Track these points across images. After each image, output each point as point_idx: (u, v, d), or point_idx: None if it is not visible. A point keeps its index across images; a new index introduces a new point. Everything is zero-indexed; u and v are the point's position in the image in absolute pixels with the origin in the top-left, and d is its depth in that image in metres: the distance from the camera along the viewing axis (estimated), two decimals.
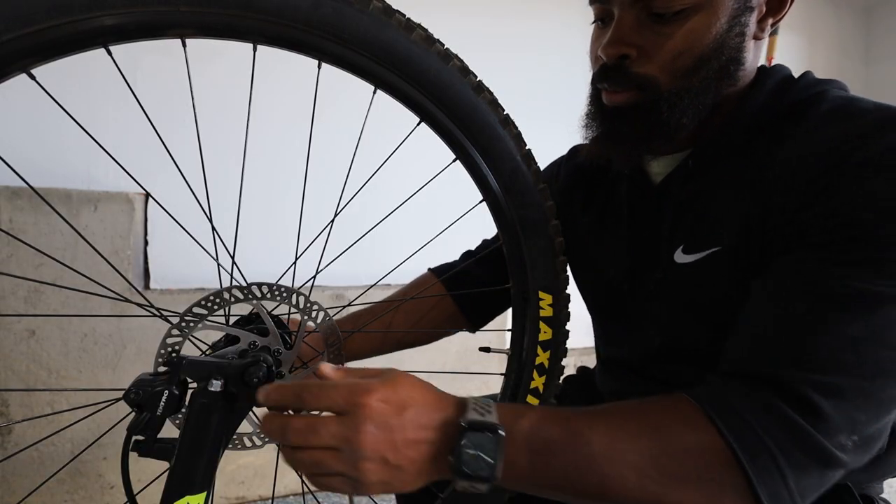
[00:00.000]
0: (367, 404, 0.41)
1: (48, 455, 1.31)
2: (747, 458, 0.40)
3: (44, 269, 1.27)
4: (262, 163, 1.56)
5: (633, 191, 0.65)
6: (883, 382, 0.42)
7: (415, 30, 0.56)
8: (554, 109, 1.47)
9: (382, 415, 0.41)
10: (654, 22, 0.52)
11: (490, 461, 0.40)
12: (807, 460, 0.41)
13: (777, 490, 0.40)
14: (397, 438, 0.41)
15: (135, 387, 0.48)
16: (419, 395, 0.44)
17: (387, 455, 0.41)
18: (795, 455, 0.41)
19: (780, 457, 0.40)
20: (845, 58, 2.75)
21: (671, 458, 0.42)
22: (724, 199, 0.54)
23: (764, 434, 0.41)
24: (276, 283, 0.60)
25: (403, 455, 0.41)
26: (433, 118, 0.59)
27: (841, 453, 0.41)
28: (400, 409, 0.42)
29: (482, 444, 0.41)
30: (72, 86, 1.34)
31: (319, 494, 1.59)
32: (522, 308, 0.66)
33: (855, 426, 0.42)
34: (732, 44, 0.53)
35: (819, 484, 0.42)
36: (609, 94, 0.57)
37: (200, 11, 0.49)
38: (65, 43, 0.46)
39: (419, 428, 0.42)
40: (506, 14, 1.94)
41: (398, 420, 0.41)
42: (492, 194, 0.63)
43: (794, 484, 0.41)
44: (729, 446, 0.41)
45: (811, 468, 0.41)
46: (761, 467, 0.40)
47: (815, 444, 0.41)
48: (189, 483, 0.47)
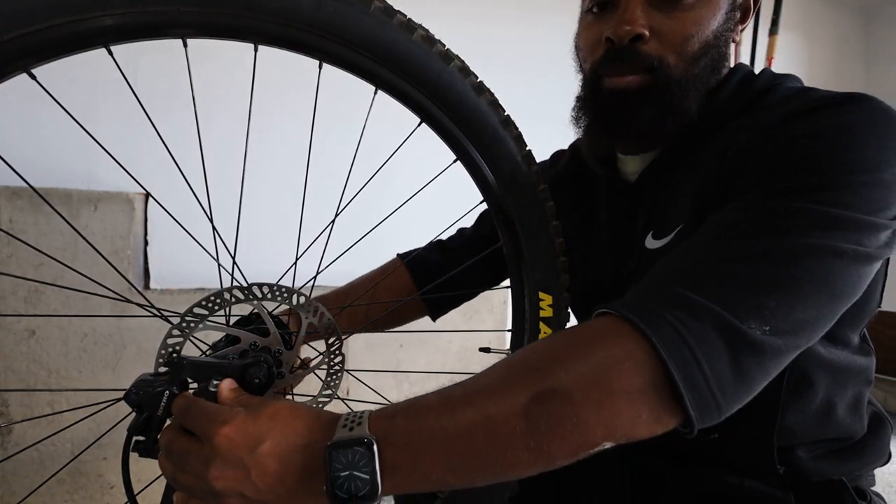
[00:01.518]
0: (218, 438, 0.39)
1: (48, 455, 1.31)
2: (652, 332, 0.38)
3: (44, 269, 1.27)
4: (263, 163, 1.56)
5: (610, 192, 0.67)
6: (798, 272, 0.41)
7: (416, 30, 0.56)
8: (554, 109, 1.47)
9: (232, 450, 0.38)
10: (664, 5, 0.54)
11: (365, 477, 0.37)
12: (709, 334, 0.39)
13: (691, 373, 0.38)
14: (252, 474, 0.38)
15: (135, 387, 0.48)
16: (281, 424, 0.40)
17: (244, 491, 0.38)
18: (698, 328, 0.39)
19: (684, 332, 0.38)
20: (844, 58, 2.75)
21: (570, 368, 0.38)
22: (688, 183, 0.57)
23: (668, 314, 0.39)
24: (276, 284, 0.60)
25: (264, 490, 0.38)
26: (434, 119, 0.59)
27: (747, 332, 0.39)
28: (254, 442, 0.38)
29: (353, 462, 0.37)
30: (72, 86, 1.34)
31: None
32: (521, 308, 0.66)
33: (762, 313, 0.40)
34: (726, 37, 0.57)
35: (735, 374, 0.39)
36: (615, 79, 0.57)
37: (201, 11, 0.49)
38: (65, 43, 0.46)
39: (278, 461, 0.38)
40: (506, 12, 1.94)
41: (250, 456, 0.38)
42: (492, 195, 0.63)
43: (707, 367, 0.38)
44: (634, 327, 0.39)
45: (716, 344, 0.39)
46: (669, 341, 0.38)
47: (714, 314, 0.39)
48: None
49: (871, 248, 0.43)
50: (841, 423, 0.57)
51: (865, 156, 0.44)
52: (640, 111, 0.56)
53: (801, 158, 0.46)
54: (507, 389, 0.39)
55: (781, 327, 0.40)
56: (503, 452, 0.38)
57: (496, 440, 0.38)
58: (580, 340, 0.41)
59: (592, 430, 0.37)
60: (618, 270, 0.64)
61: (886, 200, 0.44)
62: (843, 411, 0.57)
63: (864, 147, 0.45)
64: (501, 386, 0.40)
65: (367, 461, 0.37)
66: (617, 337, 0.40)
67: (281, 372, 0.58)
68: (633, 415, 0.38)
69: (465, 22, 1.85)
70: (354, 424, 0.39)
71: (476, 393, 0.40)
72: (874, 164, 0.44)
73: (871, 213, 0.43)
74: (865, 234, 0.43)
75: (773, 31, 1.97)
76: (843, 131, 0.46)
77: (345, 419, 0.40)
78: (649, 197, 0.61)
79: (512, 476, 0.39)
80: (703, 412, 0.38)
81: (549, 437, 0.37)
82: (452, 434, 0.38)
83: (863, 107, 0.47)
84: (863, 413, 0.59)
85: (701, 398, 0.38)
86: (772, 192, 0.45)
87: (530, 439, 0.37)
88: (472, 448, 0.38)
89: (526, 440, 0.37)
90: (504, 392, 0.39)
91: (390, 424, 0.39)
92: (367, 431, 0.38)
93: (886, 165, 0.45)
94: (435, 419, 0.39)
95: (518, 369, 0.41)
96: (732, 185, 0.50)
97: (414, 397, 0.41)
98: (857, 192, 0.44)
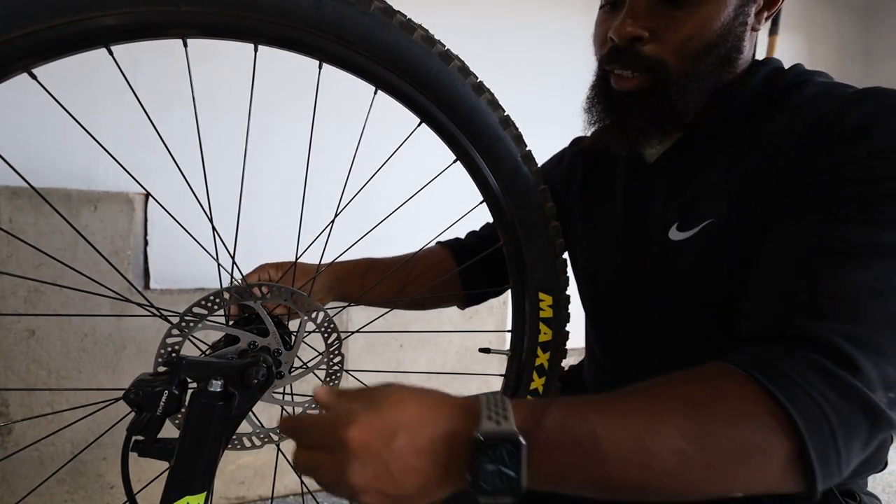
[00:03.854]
0: (348, 440, 0.38)
1: (48, 455, 1.31)
2: (798, 414, 0.37)
3: (44, 269, 1.27)
4: (263, 163, 1.56)
5: (628, 171, 0.67)
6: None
7: (415, 30, 0.56)
8: (555, 110, 1.47)
9: (367, 449, 0.38)
10: (666, 6, 0.54)
11: (512, 475, 0.37)
12: (855, 416, 0.38)
13: (827, 452, 0.38)
14: (393, 469, 0.38)
15: (135, 387, 0.48)
16: (411, 414, 0.39)
17: (384, 488, 0.38)
18: (844, 410, 0.38)
19: (829, 412, 0.38)
20: (845, 57, 2.75)
21: (714, 434, 0.38)
22: (716, 175, 0.56)
23: (812, 390, 0.38)
24: (276, 283, 0.60)
25: (405, 484, 0.38)
26: (434, 119, 0.59)
27: (885, 408, 0.39)
28: (388, 437, 0.38)
29: (501, 458, 0.37)
30: (72, 86, 1.34)
31: (319, 495, 1.59)
32: (522, 308, 0.66)
33: (887, 380, 0.40)
34: (736, 32, 0.56)
35: (863, 447, 0.40)
36: (619, 80, 0.58)
37: (202, 12, 0.49)
38: (66, 43, 0.46)
39: (416, 453, 0.38)
40: (505, 13, 1.94)
41: (388, 451, 0.38)
42: (492, 195, 0.63)
43: (843, 445, 0.38)
44: (779, 404, 0.38)
45: (860, 425, 0.39)
46: (812, 424, 0.38)
47: (860, 396, 0.38)
48: (189, 483, 0.47)
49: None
50: None
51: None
52: (639, 112, 0.58)
53: (871, 180, 0.45)
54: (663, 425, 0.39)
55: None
56: (648, 484, 0.38)
57: (647, 472, 0.38)
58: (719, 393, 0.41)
59: (733, 487, 0.39)
60: (636, 254, 0.63)
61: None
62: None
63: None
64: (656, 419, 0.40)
65: (516, 458, 0.37)
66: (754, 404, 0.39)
67: (280, 372, 0.58)
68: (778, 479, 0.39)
69: (465, 22, 1.85)
70: (500, 418, 0.39)
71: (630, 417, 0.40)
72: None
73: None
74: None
75: (773, 30, 1.97)
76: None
77: (488, 409, 0.39)
78: (666, 180, 0.61)
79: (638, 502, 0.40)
80: (826, 484, 0.39)
81: (698, 480, 0.38)
82: (605, 457, 0.38)
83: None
84: None
85: (829, 474, 0.39)
86: (847, 217, 0.45)
87: (679, 478, 0.38)
88: (621, 476, 0.38)
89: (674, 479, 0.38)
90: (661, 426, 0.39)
91: (538, 427, 0.39)
92: (514, 428, 0.38)
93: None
94: (588, 435, 0.39)
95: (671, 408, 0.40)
96: (789, 194, 0.49)
97: (560, 399, 0.42)
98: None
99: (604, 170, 0.72)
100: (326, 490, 0.41)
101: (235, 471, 1.53)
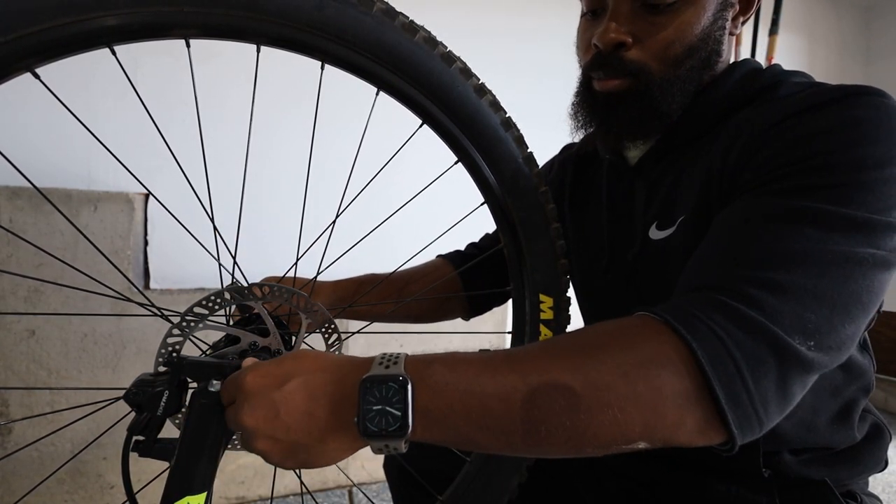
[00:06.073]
0: (242, 384, 0.40)
1: (48, 455, 1.31)
2: (699, 348, 0.37)
3: (44, 269, 1.27)
4: (264, 163, 1.56)
5: (613, 175, 0.68)
6: (831, 284, 0.40)
7: (417, 31, 0.56)
8: (556, 112, 1.47)
9: (259, 391, 0.39)
10: (648, 12, 0.56)
11: (396, 413, 0.37)
12: (760, 351, 0.38)
13: (734, 389, 0.37)
14: (282, 412, 0.38)
15: (135, 387, 0.48)
16: (307, 364, 0.41)
17: (274, 432, 0.38)
18: (748, 344, 0.38)
19: (732, 346, 0.37)
20: (845, 57, 2.75)
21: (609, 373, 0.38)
22: (690, 174, 0.57)
23: (715, 325, 0.38)
24: (277, 284, 0.60)
25: (294, 428, 0.38)
26: (435, 120, 0.59)
27: (798, 348, 0.38)
28: (281, 381, 0.39)
29: (386, 398, 0.37)
30: (73, 86, 1.34)
31: (319, 495, 1.59)
32: (522, 310, 0.66)
33: (805, 327, 0.39)
34: (715, 36, 0.57)
35: (778, 388, 0.39)
36: (602, 80, 0.60)
37: (204, 12, 0.49)
38: (69, 42, 0.46)
39: (307, 397, 0.39)
40: (507, 14, 1.94)
41: (279, 394, 0.39)
42: (493, 196, 0.63)
43: (752, 382, 0.37)
44: (682, 340, 0.38)
45: (767, 360, 0.38)
46: (715, 358, 0.37)
47: (765, 332, 0.38)
48: (189, 483, 0.46)
49: (886, 252, 0.42)
50: (827, 431, 0.57)
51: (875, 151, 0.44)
52: (623, 113, 0.59)
53: (811, 155, 0.45)
54: (553, 365, 0.38)
55: (825, 343, 0.40)
56: (537, 425, 0.37)
57: (534, 410, 0.37)
58: (625, 336, 0.40)
59: (631, 426, 0.37)
60: (621, 255, 0.65)
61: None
62: (830, 420, 0.57)
63: (874, 142, 0.44)
64: (547, 361, 0.39)
65: (401, 398, 0.37)
66: (660, 343, 0.39)
67: None
68: (676, 420, 0.37)
69: (466, 23, 1.85)
70: (390, 363, 0.40)
71: (519, 361, 0.40)
72: (885, 160, 0.44)
73: (883, 213, 0.43)
74: (880, 236, 0.42)
75: (773, 30, 1.98)
76: (852, 126, 0.45)
77: (381, 358, 0.41)
78: (647, 181, 0.62)
79: (534, 452, 0.39)
80: (744, 429, 0.38)
81: (586, 422, 0.37)
82: (490, 393, 0.38)
83: (872, 101, 0.46)
84: (855, 421, 0.59)
85: (744, 417, 0.38)
86: (784, 190, 0.45)
87: (567, 419, 0.37)
88: (508, 411, 0.37)
89: (562, 418, 0.37)
90: (550, 367, 0.38)
91: (427, 368, 0.39)
92: (402, 370, 0.39)
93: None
94: (475, 375, 0.39)
95: (565, 350, 0.40)
96: (740, 179, 0.50)
97: (452, 351, 0.42)
98: (869, 189, 0.43)
99: (591, 175, 0.73)
100: (242, 447, 0.42)
101: (235, 471, 1.53)
